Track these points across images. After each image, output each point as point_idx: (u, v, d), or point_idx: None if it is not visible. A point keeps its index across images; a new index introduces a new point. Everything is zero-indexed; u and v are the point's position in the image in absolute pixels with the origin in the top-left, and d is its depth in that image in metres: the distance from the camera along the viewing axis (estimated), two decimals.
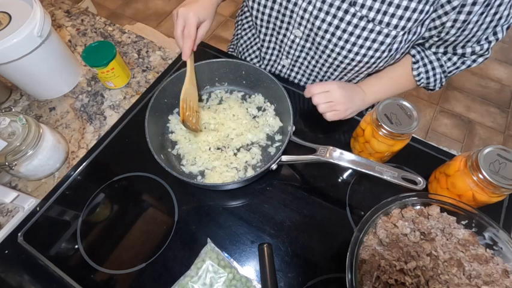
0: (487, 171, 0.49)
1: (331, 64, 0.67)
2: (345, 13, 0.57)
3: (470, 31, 0.55)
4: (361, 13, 0.56)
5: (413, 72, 0.68)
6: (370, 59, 0.61)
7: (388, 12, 0.54)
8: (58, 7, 0.98)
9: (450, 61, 0.66)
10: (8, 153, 0.56)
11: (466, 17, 0.52)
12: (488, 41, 0.59)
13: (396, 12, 0.53)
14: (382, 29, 0.56)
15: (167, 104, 0.69)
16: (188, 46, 0.61)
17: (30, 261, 0.58)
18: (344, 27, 0.58)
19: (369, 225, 0.48)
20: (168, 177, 0.65)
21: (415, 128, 0.54)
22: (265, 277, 0.53)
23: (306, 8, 0.60)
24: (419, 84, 0.71)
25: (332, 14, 0.58)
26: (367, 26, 0.57)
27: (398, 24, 0.55)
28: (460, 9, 0.52)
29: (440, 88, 0.72)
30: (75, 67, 0.81)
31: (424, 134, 1.86)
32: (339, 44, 0.61)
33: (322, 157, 0.56)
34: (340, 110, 0.67)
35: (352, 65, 0.64)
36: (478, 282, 0.43)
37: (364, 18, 0.56)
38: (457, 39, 0.58)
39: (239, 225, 0.61)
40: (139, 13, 2.39)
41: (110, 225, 0.61)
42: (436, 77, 0.68)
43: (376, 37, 0.58)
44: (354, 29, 0.58)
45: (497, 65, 2.12)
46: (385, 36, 0.57)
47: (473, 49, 0.60)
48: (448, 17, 0.53)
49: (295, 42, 0.68)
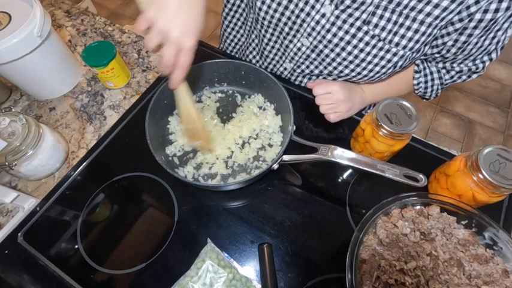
0: (487, 171, 0.49)
1: (335, 75, 0.67)
2: (358, 30, 0.58)
3: (469, 51, 0.58)
4: (374, 32, 0.57)
5: (414, 81, 0.70)
6: (375, 74, 0.63)
7: (398, 33, 0.56)
8: (58, 7, 0.98)
9: (448, 74, 0.68)
10: (8, 153, 0.56)
11: (467, 38, 0.55)
12: (483, 61, 0.62)
13: (406, 33, 0.55)
14: (391, 48, 0.58)
15: (167, 105, 0.69)
16: (181, 76, 0.50)
17: (30, 261, 0.58)
18: (355, 43, 0.59)
19: (369, 225, 0.48)
20: (168, 177, 0.65)
21: (415, 128, 0.54)
22: (265, 277, 0.53)
23: (318, 21, 0.60)
24: (417, 93, 0.74)
25: (345, 29, 0.58)
26: (377, 44, 0.58)
27: (407, 45, 0.57)
28: (462, 31, 0.54)
29: (434, 98, 0.74)
30: (75, 67, 0.81)
31: (424, 134, 1.86)
32: (348, 58, 0.62)
33: (323, 156, 0.56)
34: (342, 111, 0.68)
35: (357, 77, 0.65)
36: (478, 282, 0.43)
37: (376, 37, 0.57)
38: (456, 57, 0.61)
39: (239, 225, 0.61)
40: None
41: (110, 225, 0.61)
42: (434, 87, 0.71)
43: (384, 55, 0.59)
44: (365, 46, 0.59)
45: (497, 65, 2.12)
46: (393, 55, 0.59)
47: (469, 67, 0.63)
48: (449, 37, 0.56)
49: (301, 50, 0.68)
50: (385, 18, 0.55)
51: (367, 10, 0.55)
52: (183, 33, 0.45)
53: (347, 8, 0.56)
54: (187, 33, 0.46)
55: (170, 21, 0.44)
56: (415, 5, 0.52)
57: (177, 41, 0.45)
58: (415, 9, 0.53)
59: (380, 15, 0.55)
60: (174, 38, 0.45)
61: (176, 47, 0.46)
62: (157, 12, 0.44)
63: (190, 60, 0.48)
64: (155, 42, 0.45)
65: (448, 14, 0.51)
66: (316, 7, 0.59)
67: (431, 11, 0.52)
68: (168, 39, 0.45)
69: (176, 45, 0.45)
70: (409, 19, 0.54)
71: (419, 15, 0.53)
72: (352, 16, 0.57)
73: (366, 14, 0.56)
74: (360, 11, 0.56)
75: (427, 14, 0.52)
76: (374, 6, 0.55)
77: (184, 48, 0.46)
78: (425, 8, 0.52)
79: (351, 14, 0.56)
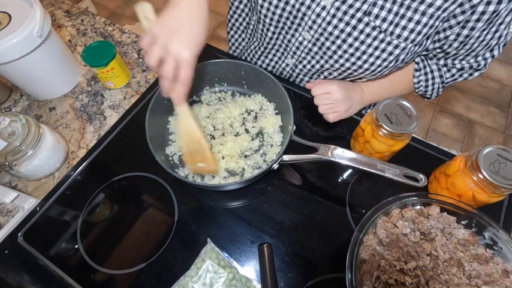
0: (487, 171, 0.49)
1: (336, 69, 0.67)
2: (359, 22, 0.57)
3: (471, 46, 0.57)
4: (375, 23, 0.56)
5: (414, 79, 0.70)
6: (377, 68, 0.62)
7: (400, 24, 0.55)
8: (58, 7, 0.98)
9: (449, 72, 0.68)
10: (8, 153, 0.56)
11: (469, 32, 0.54)
12: (485, 58, 0.61)
13: (408, 25, 0.55)
14: (392, 40, 0.57)
15: (167, 105, 0.68)
16: (183, 92, 0.51)
17: (30, 261, 0.58)
18: (356, 35, 0.59)
19: (369, 225, 0.48)
20: (168, 177, 0.65)
21: (415, 128, 0.54)
22: (265, 277, 0.53)
23: (319, 13, 0.60)
24: (418, 91, 0.73)
25: (345, 21, 0.58)
26: (378, 36, 0.58)
27: (409, 37, 0.56)
28: (464, 24, 0.53)
29: (436, 97, 0.74)
30: (75, 67, 0.81)
31: (424, 134, 1.86)
32: (349, 51, 0.61)
33: (323, 156, 0.56)
34: (341, 111, 0.68)
35: (358, 71, 0.64)
36: (478, 282, 0.43)
37: (377, 29, 0.57)
38: (458, 53, 0.61)
39: (239, 225, 0.61)
40: None
41: (110, 225, 0.61)
42: (434, 86, 0.70)
43: (385, 47, 0.59)
44: (366, 38, 0.58)
45: (497, 65, 2.12)
46: (395, 47, 0.58)
47: (471, 64, 0.63)
48: (452, 31, 0.55)
49: (302, 44, 0.68)
50: (386, 9, 0.54)
51: (367, 1, 0.55)
52: (182, 46, 0.48)
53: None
54: (185, 48, 0.48)
55: (170, 36, 0.48)
56: None
57: (175, 53, 0.48)
58: (416, 0, 0.52)
59: (381, 5, 0.54)
60: (173, 50, 0.47)
61: (175, 60, 0.48)
62: (160, 28, 0.49)
63: (191, 75, 0.50)
64: (156, 55, 0.48)
65: (450, 4, 0.51)
66: (316, 0, 0.59)
67: (433, 1, 0.51)
68: (167, 52, 0.48)
69: (175, 57, 0.48)
70: (410, 10, 0.53)
71: (421, 5, 0.52)
72: (352, 7, 0.56)
73: (367, 5, 0.55)
74: (361, 1, 0.55)
75: (429, 5, 0.52)
76: None
77: (183, 61, 0.48)
78: None
79: (351, 4, 0.56)
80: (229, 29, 0.85)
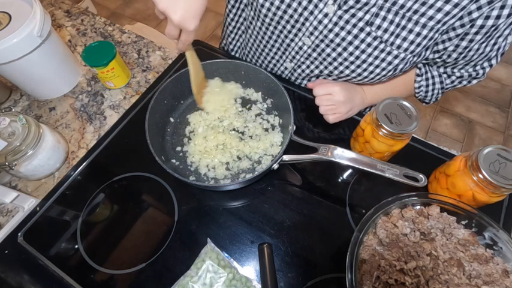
0: (487, 171, 0.49)
1: (335, 76, 0.67)
2: (360, 31, 0.58)
3: (470, 57, 0.58)
4: (376, 33, 0.57)
5: (415, 84, 0.71)
6: (376, 76, 0.63)
7: (400, 35, 0.56)
8: (58, 7, 0.98)
9: (449, 79, 0.69)
10: (8, 153, 0.56)
11: (468, 44, 0.55)
12: (483, 67, 0.62)
13: (408, 36, 0.56)
14: (392, 50, 0.58)
15: (167, 105, 0.69)
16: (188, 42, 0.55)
17: (30, 261, 0.58)
18: (357, 44, 0.59)
19: (369, 225, 0.48)
20: (168, 177, 0.65)
21: (415, 128, 0.54)
22: (265, 277, 0.53)
23: (321, 20, 0.60)
24: (417, 96, 0.74)
25: (347, 30, 0.59)
26: (379, 46, 0.58)
27: (408, 48, 0.57)
28: (463, 36, 0.54)
29: (434, 102, 0.75)
30: (75, 67, 0.81)
31: (424, 134, 1.86)
32: (349, 59, 0.62)
33: (323, 156, 0.56)
34: (341, 113, 0.68)
35: (357, 78, 0.65)
36: (478, 282, 0.43)
37: (378, 39, 0.57)
38: (457, 63, 0.61)
39: (239, 225, 0.61)
40: (139, 13, 2.39)
41: (110, 225, 0.61)
42: (434, 92, 0.71)
43: (385, 57, 0.59)
44: (367, 47, 0.59)
45: (497, 65, 2.11)
46: (394, 57, 0.59)
47: (469, 73, 0.64)
48: (451, 42, 0.56)
49: (302, 49, 0.67)
50: (388, 20, 0.55)
51: (370, 11, 0.55)
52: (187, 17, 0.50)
53: (350, 9, 0.56)
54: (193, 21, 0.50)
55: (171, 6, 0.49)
56: (418, 8, 0.52)
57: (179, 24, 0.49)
58: (417, 12, 0.53)
59: (383, 16, 0.55)
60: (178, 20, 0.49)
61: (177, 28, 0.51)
62: None
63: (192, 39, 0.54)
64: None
65: (450, 18, 0.51)
66: (319, 6, 0.59)
67: (433, 14, 0.52)
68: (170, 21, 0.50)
69: (177, 27, 0.50)
70: (411, 22, 0.54)
71: (421, 18, 0.53)
72: (355, 16, 0.57)
73: (369, 15, 0.56)
74: (363, 11, 0.56)
75: (430, 18, 0.52)
76: (377, 8, 0.55)
77: (186, 32, 0.51)
78: (428, 12, 0.52)
79: (354, 14, 0.56)
80: (228, 24, 0.83)
